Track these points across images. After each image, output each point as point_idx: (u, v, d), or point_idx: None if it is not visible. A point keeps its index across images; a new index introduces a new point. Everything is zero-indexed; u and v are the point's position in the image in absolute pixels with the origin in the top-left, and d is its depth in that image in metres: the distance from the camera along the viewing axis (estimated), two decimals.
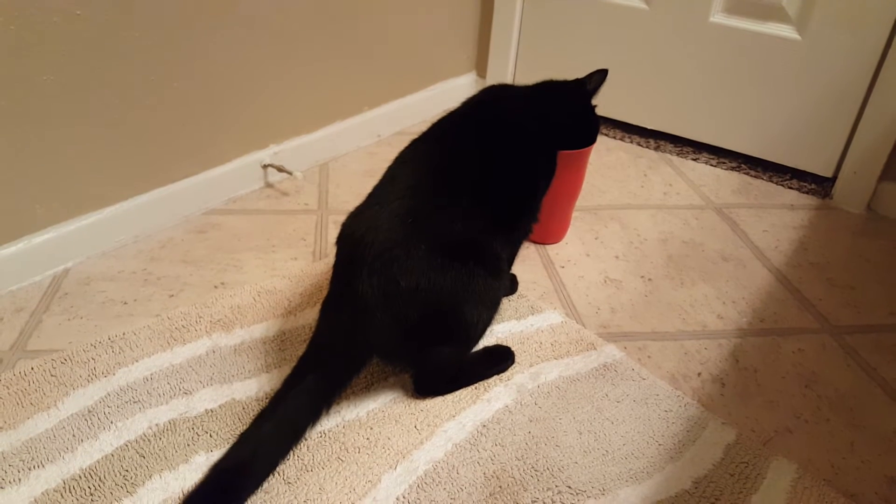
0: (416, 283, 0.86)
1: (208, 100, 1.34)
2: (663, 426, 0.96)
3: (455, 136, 1.03)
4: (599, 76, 1.15)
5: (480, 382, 1.01)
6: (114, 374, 0.98)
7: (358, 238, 0.89)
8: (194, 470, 0.85)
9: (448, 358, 0.96)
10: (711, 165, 1.74)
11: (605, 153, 1.77)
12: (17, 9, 1.02)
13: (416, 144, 1.02)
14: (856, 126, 1.55)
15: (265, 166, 1.49)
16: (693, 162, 1.76)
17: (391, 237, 0.87)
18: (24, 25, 1.04)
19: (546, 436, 0.93)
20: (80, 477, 0.84)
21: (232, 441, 0.86)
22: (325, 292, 0.97)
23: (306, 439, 0.90)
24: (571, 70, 1.23)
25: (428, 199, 0.91)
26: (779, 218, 1.53)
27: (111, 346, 1.03)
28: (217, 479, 0.81)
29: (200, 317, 1.10)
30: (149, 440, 0.89)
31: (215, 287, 1.19)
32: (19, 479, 0.83)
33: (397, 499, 0.84)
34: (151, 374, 0.99)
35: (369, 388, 0.99)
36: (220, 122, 1.38)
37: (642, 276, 1.30)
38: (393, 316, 0.87)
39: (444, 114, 1.08)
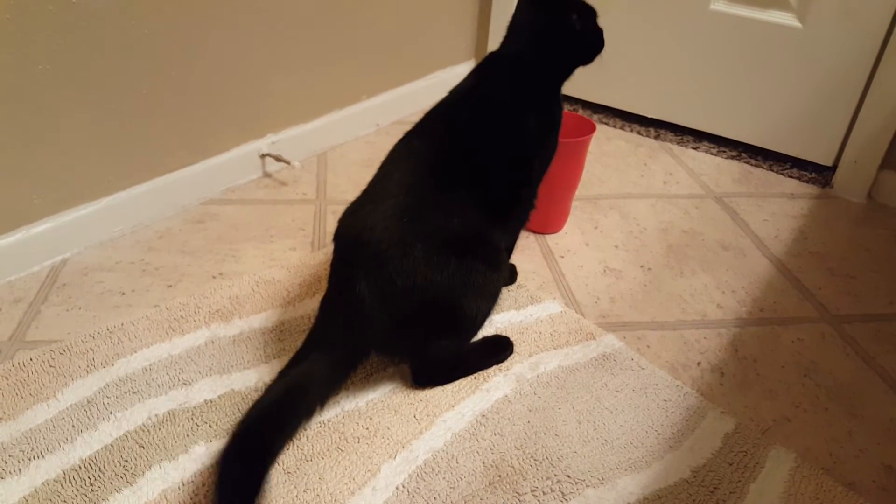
0: (413, 282, 0.86)
1: (206, 89, 1.33)
2: (662, 415, 0.96)
3: (444, 127, 1.00)
4: None
5: (480, 372, 1.01)
6: (113, 365, 0.98)
7: (353, 238, 0.89)
8: (194, 460, 0.85)
9: (447, 350, 0.96)
10: (712, 154, 1.74)
11: (605, 142, 1.76)
12: None
13: (408, 138, 1.00)
14: (856, 114, 1.55)
15: (263, 156, 1.48)
16: (693, 151, 1.75)
17: (386, 237, 0.86)
18: (20, 14, 1.03)
19: (545, 425, 0.93)
20: (80, 467, 0.84)
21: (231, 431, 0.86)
22: (324, 283, 0.97)
23: (305, 429, 0.90)
24: None
25: (423, 196, 0.90)
26: (779, 207, 1.53)
27: (110, 337, 1.02)
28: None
29: (199, 307, 1.10)
30: (148, 431, 0.89)
31: (213, 277, 1.19)
32: (19, 470, 0.83)
33: (397, 488, 0.84)
34: (150, 365, 0.98)
35: (368, 378, 0.99)
36: (217, 112, 1.37)
37: (642, 266, 1.30)
38: (391, 315, 0.87)
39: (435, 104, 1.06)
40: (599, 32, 1.07)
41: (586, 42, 1.05)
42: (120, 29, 1.15)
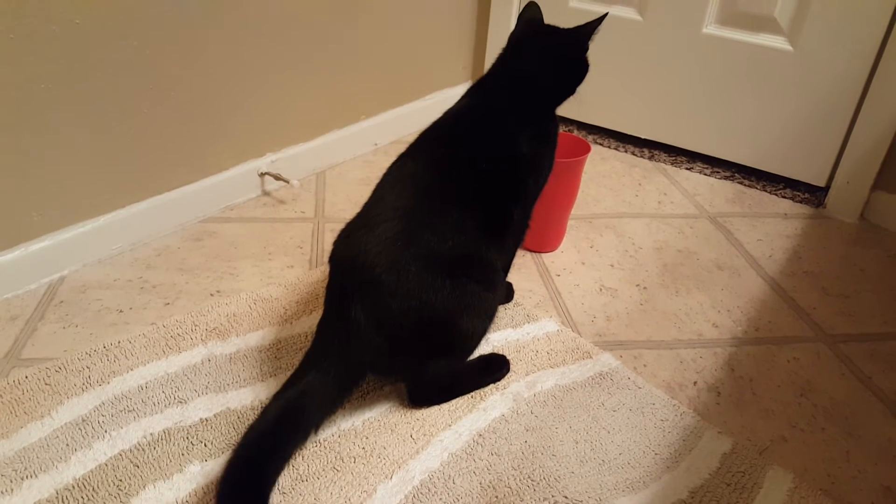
0: (409, 305, 0.86)
1: (205, 108, 1.34)
2: (659, 435, 0.96)
3: (438, 148, 1.01)
4: (594, 23, 1.08)
5: (476, 391, 1.01)
6: (108, 383, 0.97)
7: (348, 263, 0.89)
8: (188, 480, 0.85)
9: (443, 369, 0.96)
10: (705, 175, 1.75)
11: (600, 162, 1.78)
12: (17, 17, 1.02)
13: (402, 160, 1.00)
14: (848, 136, 1.57)
15: (262, 174, 1.49)
16: (687, 171, 1.76)
17: (381, 261, 0.86)
18: (24, 34, 1.04)
19: (542, 445, 0.93)
20: (74, 487, 0.83)
21: (227, 450, 0.85)
22: (321, 300, 0.97)
23: (301, 449, 0.90)
24: None
25: (416, 219, 0.90)
26: (773, 227, 1.54)
27: (106, 355, 1.02)
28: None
29: (196, 325, 1.09)
30: (143, 449, 0.88)
31: (211, 295, 1.19)
32: (11, 489, 0.82)
33: None
34: (146, 383, 0.98)
35: (365, 397, 0.99)
36: (217, 131, 1.38)
37: (637, 285, 1.30)
38: (387, 338, 0.87)
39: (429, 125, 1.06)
40: (585, 60, 1.10)
41: (580, 69, 1.09)
42: (121, 49, 1.17)
